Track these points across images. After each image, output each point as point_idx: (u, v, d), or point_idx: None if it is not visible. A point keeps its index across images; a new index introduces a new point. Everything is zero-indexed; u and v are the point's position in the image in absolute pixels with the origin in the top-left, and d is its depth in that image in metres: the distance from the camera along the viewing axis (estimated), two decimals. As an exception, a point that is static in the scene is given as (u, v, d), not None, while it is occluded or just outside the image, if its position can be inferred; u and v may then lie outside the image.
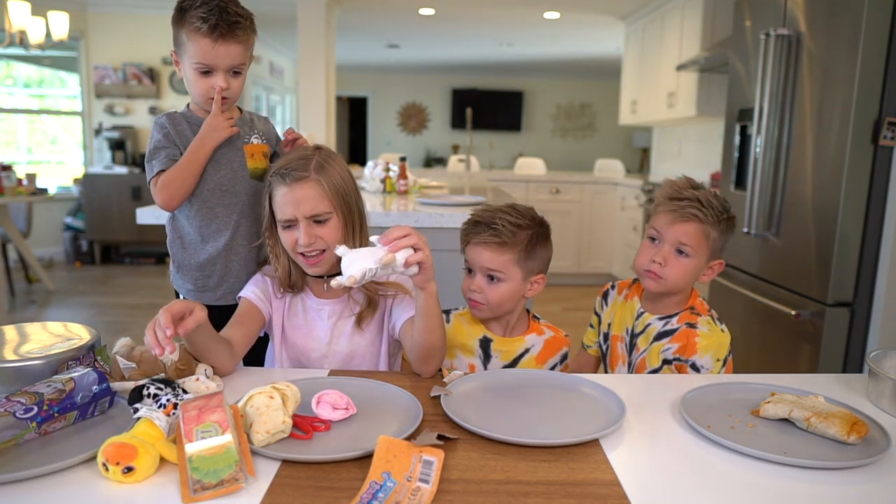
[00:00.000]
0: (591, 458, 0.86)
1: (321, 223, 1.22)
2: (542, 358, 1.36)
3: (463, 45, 8.04)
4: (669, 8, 4.99)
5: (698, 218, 1.27)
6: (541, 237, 1.33)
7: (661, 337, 1.32)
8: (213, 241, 1.45)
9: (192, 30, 1.29)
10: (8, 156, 6.60)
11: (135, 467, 0.76)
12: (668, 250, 1.30)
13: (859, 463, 0.85)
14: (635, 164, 9.64)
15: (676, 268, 1.29)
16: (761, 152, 2.58)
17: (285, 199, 1.21)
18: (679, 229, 1.29)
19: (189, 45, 1.31)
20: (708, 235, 1.29)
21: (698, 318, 1.31)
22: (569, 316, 4.58)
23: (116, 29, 6.13)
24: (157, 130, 1.41)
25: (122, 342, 1.10)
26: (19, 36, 4.37)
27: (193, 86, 1.36)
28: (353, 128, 11.68)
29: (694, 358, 1.27)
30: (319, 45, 5.36)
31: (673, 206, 1.30)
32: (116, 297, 4.86)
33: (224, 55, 1.32)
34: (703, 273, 1.33)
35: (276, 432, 0.86)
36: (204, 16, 1.27)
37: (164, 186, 1.37)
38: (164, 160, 1.38)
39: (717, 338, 1.29)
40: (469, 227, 1.33)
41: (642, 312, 1.37)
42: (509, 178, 5.64)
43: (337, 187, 1.23)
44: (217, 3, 1.29)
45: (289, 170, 1.21)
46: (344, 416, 0.94)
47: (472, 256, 1.32)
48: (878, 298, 2.24)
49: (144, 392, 0.88)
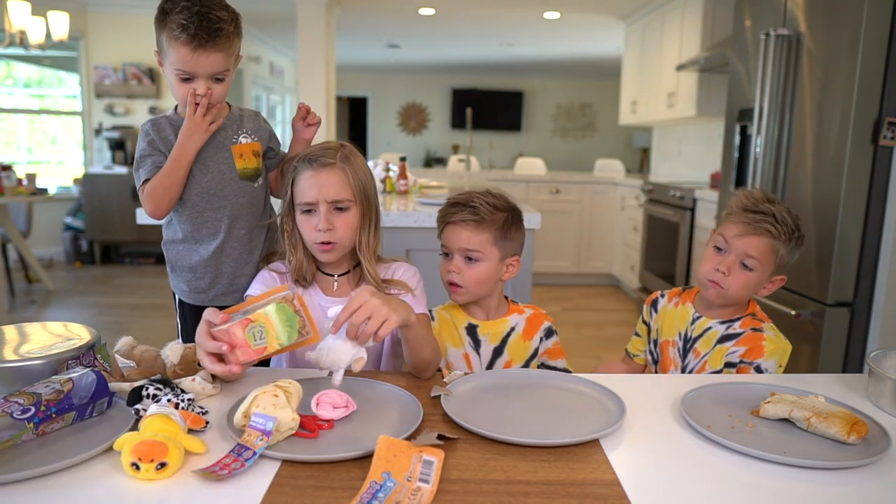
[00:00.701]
0: (591, 458, 0.86)
1: (341, 211, 1.24)
2: (528, 334, 1.40)
3: (463, 45, 8.04)
4: (669, 8, 4.99)
5: (771, 234, 1.27)
6: (516, 219, 1.37)
7: (724, 340, 1.32)
8: (205, 243, 1.44)
9: (172, 37, 1.25)
10: (8, 156, 6.60)
11: (168, 462, 0.76)
12: (734, 261, 1.29)
13: (859, 463, 0.85)
14: (635, 164, 9.64)
15: (739, 279, 1.29)
16: (761, 152, 2.58)
17: (310, 182, 1.23)
18: (750, 242, 1.28)
19: (169, 50, 1.28)
20: (777, 251, 1.28)
21: (763, 324, 1.32)
22: (569, 316, 4.58)
23: (116, 29, 6.13)
24: (142, 138, 1.39)
25: (123, 341, 1.10)
26: (19, 36, 4.37)
27: (175, 90, 1.34)
28: (353, 128, 11.69)
29: (760, 361, 1.27)
30: (319, 45, 5.37)
31: (747, 218, 1.28)
32: (116, 297, 4.86)
33: (204, 64, 1.28)
34: (763, 286, 1.33)
35: (286, 430, 0.86)
36: (184, 23, 1.23)
37: (149, 195, 1.37)
38: (150, 168, 1.37)
39: (783, 345, 1.30)
40: (447, 208, 1.35)
41: (698, 317, 1.37)
42: (509, 178, 5.64)
43: (360, 180, 1.26)
44: (198, 9, 1.24)
45: (316, 156, 1.24)
46: (345, 414, 0.93)
47: (449, 238, 1.34)
48: (878, 298, 2.23)
49: (144, 393, 0.88)
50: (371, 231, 1.29)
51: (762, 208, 1.28)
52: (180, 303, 1.54)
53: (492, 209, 1.32)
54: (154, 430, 0.80)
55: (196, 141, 1.34)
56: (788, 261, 1.32)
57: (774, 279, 1.33)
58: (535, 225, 2.16)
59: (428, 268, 1.39)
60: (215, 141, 1.40)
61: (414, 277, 1.32)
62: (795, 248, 1.31)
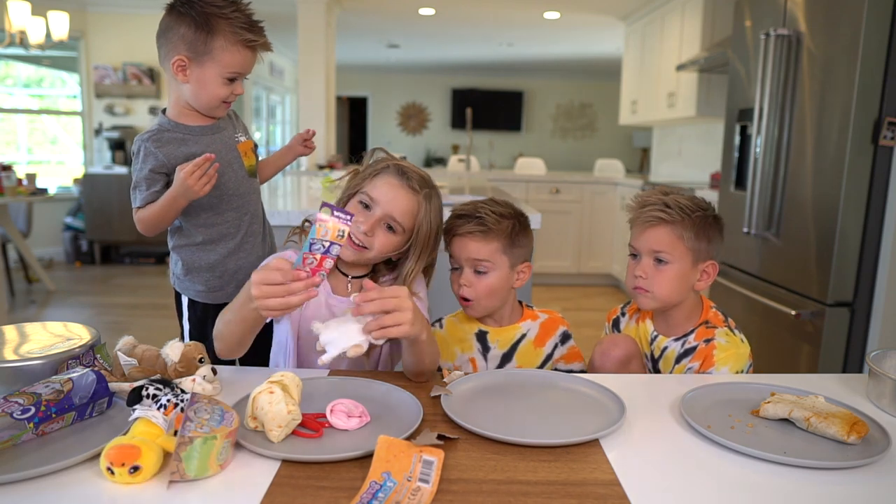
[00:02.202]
0: (591, 458, 0.86)
1: (389, 230, 1.21)
2: (540, 340, 1.37)
3: (463, 45, 8.04)
4: (669, 8, 4.99)
5: (663, 220, 1.24)
6: (523, 225, 1.35)
7: (681, 358, 1.28)
8: (224, 242, 1.47)
9: (238, 42, 1.29)
10: (8, 156, 6.60)
11: (141, 466, 0.76)
12: (647, 261, 1.27)
13: (859, 463, 0.85)
14: (635, 164, 9.64)
15: (660, 277, 1.25)
16: (761, 152, 2.58)
17: (386, 187, 1.20)
18: (650, 236, 1.26)
19: (225, 54, 1.30)
20: (681, 236, 1.24)
21: (715, 331, 1.26)
22: (568, 316, 4.55)
23: (116, 29, 6.13)
24: (141, 158, 1.37)
25: (124, 340, 1.10)
26: (19, 36, 4.37)
27: (213, 92, 1.34)
28: (353, 128, 11.69)
29: (711, 371, 1.22)
30: (319, 45, 5.37)
31: (640, 214, 1.28)
32: (116, 297, 4.86)
33: (253, 63, 1.35)
34: (695, 278, 1.28)
35: (287, 424, 0.86)
36: (245, 25, 1.29)
37: (141, 221, 1.40)
38: (146, 195, 1.38)
39: (736, 349, 1.24)
40: (452, 220, 1.33)
41: (656, 336, 1.33)
42: (509, 178, 5.64)
43: (422, 221, 1.22)
44: (249, 12, 1.31)
45: (411, 175, 1.22)
46: (359, 426, 0.92)
47: (457, 250, 1.32)
48: (878, 298, 2.23)
49: (143, 393, 0.88)
50: (417, 264, 1.25)
51: (649, 200, 1.27)
52: (191, 304, 1.53)
53: (498, 217, 1.29)
54: (135, 432, 0.80)
55: (191, 197, 1.34)
56: (706, 245, 1.26)
57: (704, 267, 1.28)
58: (536, 225, 2.16)
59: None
60: (225, 142, 1.42)
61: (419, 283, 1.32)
62: (706, 230, 1.25)
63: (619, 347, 1.30)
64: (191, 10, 1.28)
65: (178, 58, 1.31)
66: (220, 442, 0.78)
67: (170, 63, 1.33)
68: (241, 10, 1.30)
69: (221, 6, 1.28)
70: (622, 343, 1.31)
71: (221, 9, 1.28)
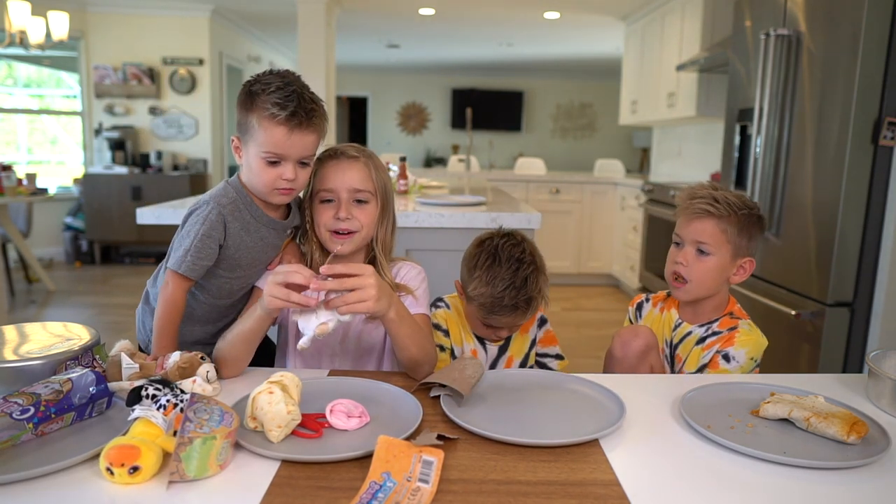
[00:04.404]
0: (591, 458, 0.86)
1: (361, 203, 1.25)
2: (525, 327, 1.43)
3: (463, 45, 8.04)
4: (669, 8, 4.99)
5: (710, 213, 1.29)
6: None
7: (703, 340, 1.32)
8: (220, 300, 1.36)
9: (266, 116, 1.15)
10: (8, 156, 6.60)
11: (141, 466, 0.76)
12: (689, 250, 1.32)
13: (859, 463, 0.85)
14: (635, 164, 9.64)
15: (699, 266, 1.30)
16: (761, 152, 2.58)
17: (334, 170, 1.25)
18: (696, 227, 1.31)
19: (259, 132, 1.17)
20: (725, 231, 1.29)
21: (740, 321, 1.32)
22: (569, 316, 4.58)
23: (116, 29, 6.13)
24: (203, 220, 1.22)
25: (120, 345, 1.09)
26: (19, 36, 4.37)
27: (258, 176, 1.21)
28: (353, 128, 11.68)
29: (729, 349, 1.27)
30: (319, 45, 5.37)
31: (688, 205, 1.32)
32: (116, 297, 4.86)
33: (298, 145, 1.18)
34: (731, 273, 1.33)
35: (286, 424, 0.87)
36: (280, 102, 1.14)
37: (172, 294, 1.26)
38: (190, 266, 1.23)
39: (757, 338, 1.29)
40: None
41: (680, 323, 1.38)
42: (509, 178, 5.64)
43: (381, 178, 1.28)
44: (294, 88, 1.16)
45: (341, 150, 1.27)
46: (359, 426, 0.93)
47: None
48: (878, 298, 2.23)
49: (143, 393, 0.88)
50: (388, 229, 1.31)
51: (700, 194, 1.32)
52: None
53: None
54: (134, 433, 0.80)
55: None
56: (747, 242, 1.32)
57: (742, 263, 1.33)
58: (536, 225, 2.16)
59: (427, 268, 1.39)
60: (275, 242, 1.31)
61: (417, 277, 1.33)
62: (749, 227, 1.31)
63: (640, 338, 1.33)
64: (244, 88, 1.20)
65: (233, 137, 1.25)
66: (220, 442, 0.78)
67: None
68: (284, 86, 1.16)
69: (267, 81, 1.17)
70: (643, 334, 1.35)
71: (265, 84, 1.17)
